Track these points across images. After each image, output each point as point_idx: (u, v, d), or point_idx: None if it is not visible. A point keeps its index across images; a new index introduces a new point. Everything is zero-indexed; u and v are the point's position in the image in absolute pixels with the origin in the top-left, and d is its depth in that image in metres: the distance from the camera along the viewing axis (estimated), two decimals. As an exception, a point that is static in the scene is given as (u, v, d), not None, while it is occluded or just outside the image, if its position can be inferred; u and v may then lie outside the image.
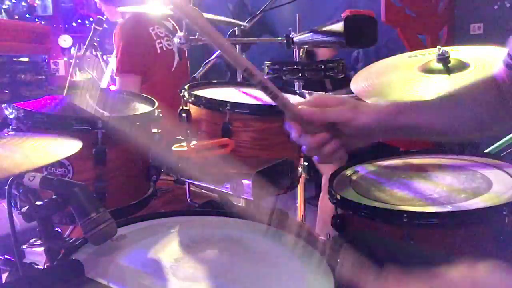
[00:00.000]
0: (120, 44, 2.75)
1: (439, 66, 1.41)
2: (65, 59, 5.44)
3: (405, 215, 1.23)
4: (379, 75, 1.49)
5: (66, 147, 0.97)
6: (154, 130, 1.40)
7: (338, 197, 1.34)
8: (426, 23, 3.55)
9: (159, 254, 1.02)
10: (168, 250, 1.04)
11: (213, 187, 1.37)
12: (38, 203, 0.97)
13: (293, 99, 1.65)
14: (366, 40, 1.77)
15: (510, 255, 1.20)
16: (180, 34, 2.03)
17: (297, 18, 1.99)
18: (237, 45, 2.11)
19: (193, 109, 1.44)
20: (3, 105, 1.32)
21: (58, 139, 1.02)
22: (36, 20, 5.92)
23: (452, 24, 3.64)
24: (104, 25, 3.27)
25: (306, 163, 1.66)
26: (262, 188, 1.25)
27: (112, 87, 3.27)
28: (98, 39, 4.15)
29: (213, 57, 2.24)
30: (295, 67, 1.85)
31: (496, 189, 1.34)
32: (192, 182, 1.43)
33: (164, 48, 2.80)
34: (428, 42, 3.53)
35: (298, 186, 1.93)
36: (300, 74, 1.83)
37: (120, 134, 1.31)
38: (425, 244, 1.24)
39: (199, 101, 1.44)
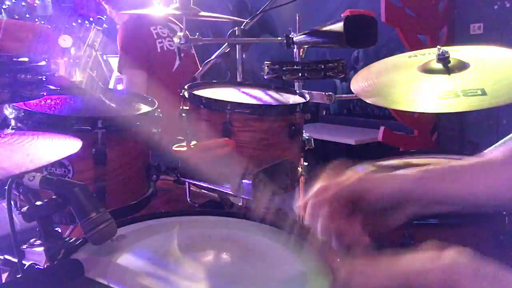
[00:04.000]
0: (120, 42, 2.76)
1: (439, 66, 1.41)
2: (65, 59, 5.44)
3: (405, 215, 1.23)
4: (379, 75, 1.48)
5: (66, 147, 0.97)
6: (154, 130, 1.40)
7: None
8: (426, 23, 3.55)
9: (159, 254, 1.02)
10: (168, 250, 1.04)
11: (213, 187, 1.37)
12: (38, 203, 0.97)
13: (293, 99, 1.65)
14: (366, 40, 1.77)
15: (510, 255, 1.20)
16: (180, 34, 2.03)
17: (297, 18, 1.99)
18: (237, 45, 2.10)
19: (193, 109, 1.43)
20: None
21: (58, 139, 1.02)
22: (36, 20, 5.91)
23: (452, 24, 3.64)
24: (104, 25, 3.27)
25: (306, 163, 1.66)
26: (262, 188, 1.25)
27: (119, 86, 3.27)
28: (98, 39, 4.15)
29: (213, 57, 2.24)
30: (295, 67, 1.85)
31: (496, 189, 1.34)
32: (192, 182, 1.43)
33: (165, 48, 2.80)
34: (428, 42, 3.54)
35: (298, 186, 1.92)
36: (300, 74, 1.83)
37: (120, 134, 1.31)
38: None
39: (199, 101, 1.44)
